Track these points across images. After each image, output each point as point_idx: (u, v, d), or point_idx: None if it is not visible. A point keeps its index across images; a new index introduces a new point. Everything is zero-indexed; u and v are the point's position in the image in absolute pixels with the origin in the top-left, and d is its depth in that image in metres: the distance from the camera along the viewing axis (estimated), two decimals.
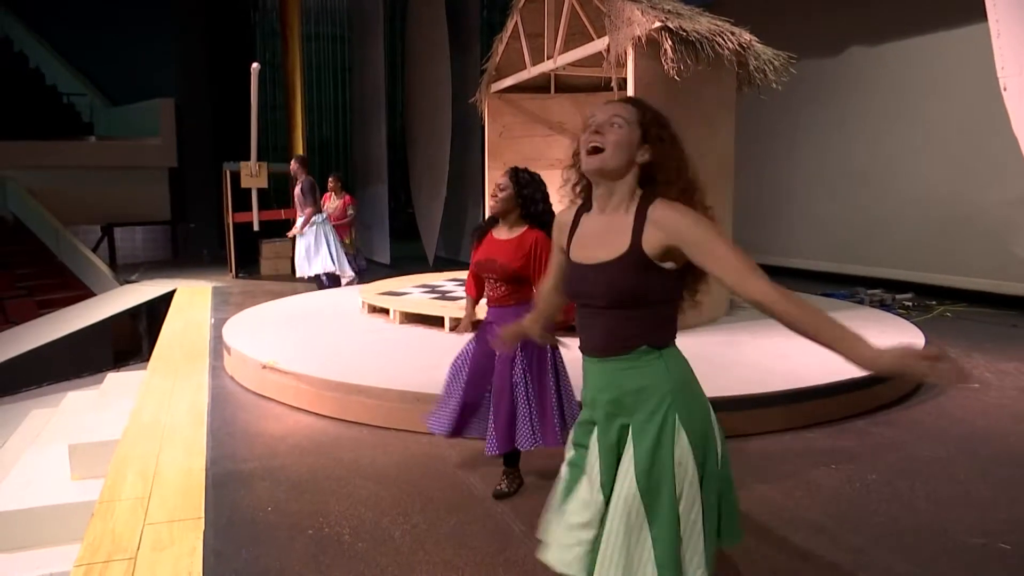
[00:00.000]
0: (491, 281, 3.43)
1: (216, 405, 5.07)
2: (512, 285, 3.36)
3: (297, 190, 9.44)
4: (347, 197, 10.31)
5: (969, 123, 8.64)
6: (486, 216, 3.71)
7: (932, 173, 9.18)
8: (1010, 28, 5.20)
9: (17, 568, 3.91)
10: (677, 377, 1.84)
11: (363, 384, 4.70)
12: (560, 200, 2.05)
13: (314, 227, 9.41)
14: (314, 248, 9.42)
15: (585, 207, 1.94)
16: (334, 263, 9.44)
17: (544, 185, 3.41)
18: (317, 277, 9.59)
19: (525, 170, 3.43)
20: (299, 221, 9.38)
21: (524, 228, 3.38)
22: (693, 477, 1.78)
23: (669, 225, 1.74)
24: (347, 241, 10.08)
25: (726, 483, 1.90)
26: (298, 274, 9.75)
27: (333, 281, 9.61)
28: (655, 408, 1.79)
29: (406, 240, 15.09)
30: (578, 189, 1.96)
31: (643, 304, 1.79)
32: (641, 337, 1.81)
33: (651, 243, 1.75)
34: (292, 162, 9.84)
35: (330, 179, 10.36)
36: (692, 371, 1.90)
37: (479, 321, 3.58)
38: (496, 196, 3.40)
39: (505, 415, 3.32)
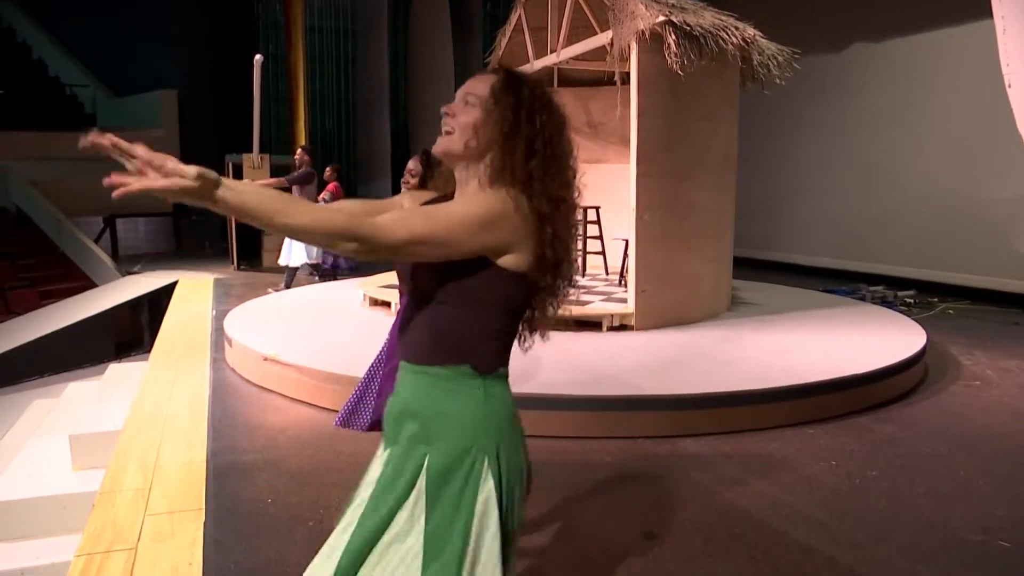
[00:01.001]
0: None
1: (217, 397, 5.08)
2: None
3: (291, 176, 9.42)
4: (330, 184, 10.09)
5: (973, 120, 8.62)
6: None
7: (935, 170, 9.16)
8: (1015, 25, 5.18)
9: (18, 558, 3.92)
10: (496, 412, 1.57)
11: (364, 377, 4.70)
12: None
13: None
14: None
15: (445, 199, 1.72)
16: (309, 257, 9.33)
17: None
18: (309, 267, 9.63)
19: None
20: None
21: None
22: (494, 533, 1.51)
23: None
24: None
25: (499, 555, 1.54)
26: (280, 262, 9.64)
27: (322, 271, 9.66)
28: (462, 445, 1.53)
29: None
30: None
31: (470, 305, 1.54)
32: (463, 351, 1.55)
33: None
34: (299, 151, 9.82)
35: (328, 169, 10.26)
36: (513, 408, 1.63)
37: None
38: (407, 182, 3.24)
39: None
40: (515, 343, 1.67)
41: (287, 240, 9.34)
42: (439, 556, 1.49)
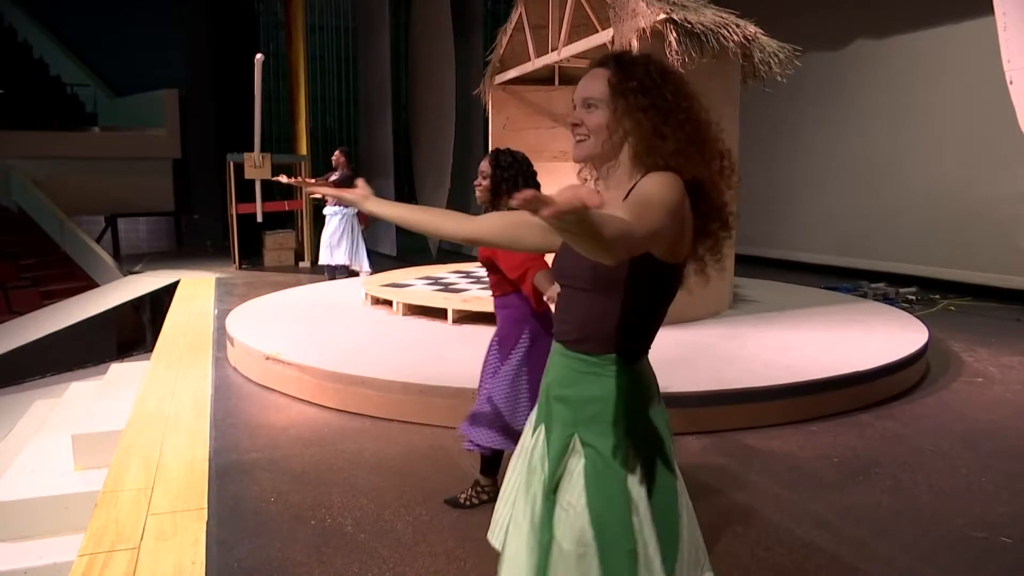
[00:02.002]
0: None
1: (219, 396, 5.08)
2: (493, 276, 3.17)
3: (333, 178, 9.54)
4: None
5: (974, 117, 8.60)
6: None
7: (937, 167, 9.15)
8: (1017, 22, 5.17)
9: (21, 557, 3.92)
10: (641, 397, 1.66)
11: (366, 376, 4.71)
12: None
13: (344, 218, 9.58)
14: (337, 238, 9.60)
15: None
16: (349, 258, 9.67)
17: (528, 164, 3.17)
18: (331, 267, 9.75)
19: (507, 151, 3.17)
20: (345, 217, 9.56)
21: None
22: (649, 509, 1.60)
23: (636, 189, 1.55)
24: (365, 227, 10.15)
25: (680, 522, 1.68)
26: (320, 261, 9.90)
27: (344, 273, 9.73)
28: (611, 427, 1.61)
29: (409, 232, 15.05)
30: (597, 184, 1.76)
31: (622, 291, 1.58)
32: (616, 339, 1.62)
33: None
34: (337, 152, 9.85)
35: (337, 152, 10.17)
36: (657, 390, 1.72)
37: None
38: (479, 184, 3.18)
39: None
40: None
41: (325, 237, 9.65)
42: (611, 544, 1.55)
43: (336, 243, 9.68)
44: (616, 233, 1.25)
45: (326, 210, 9.76)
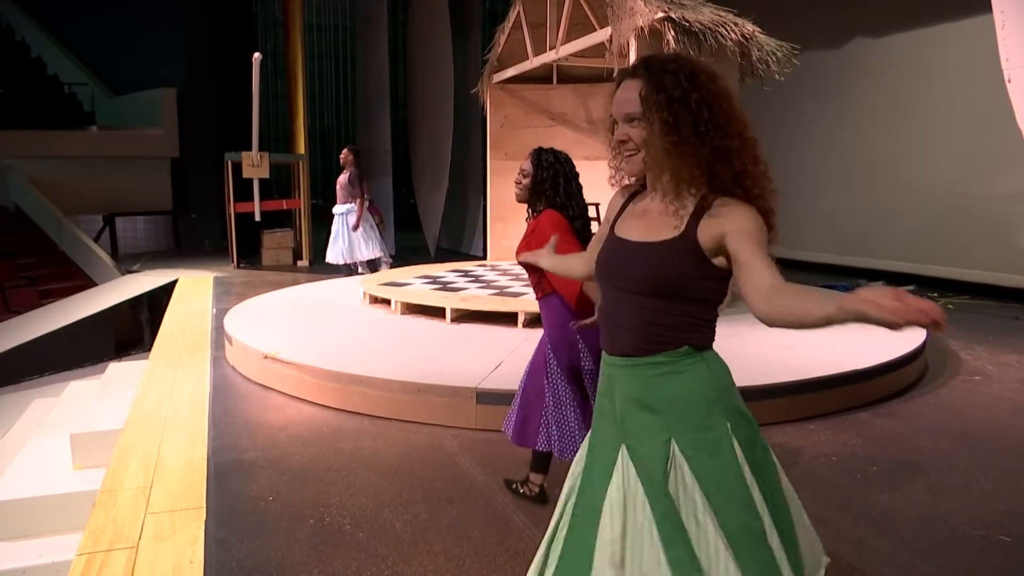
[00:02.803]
0: None
1: (218, 395, 5.08)
2: (533, 276, 3.11)
3: (343, 178, 9.53)
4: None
5: (973, 115, 8.61)
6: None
7: (936, 165, 9.16)
8: (1015, 20, 5.17)
9: (20, 557, 3.92)
10: (724, 384, 1.66)
11: (364, 375, 4.71)
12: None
13: (340, 218, 9.64)
14: (338, 237, 9.66)
15: (642, 188, 1.78)
16: (343, 256, 9.67)
17: (571, 165, 3.12)
18: (345, 266, 9.82)
19: (550, 151, 3.12)
20: (352, 215, 9.53)
21: (540, 215, 3.06)
22: (760, 492, 1.61)
23: (724, 220, 1.56)
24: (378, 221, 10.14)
25: (785, 502, 1.71)
26: (330, 259, 9.93)
27: (346, 272, 9.76)
28: (704, 419, 1.61)
29: (408, 231, 15.07)
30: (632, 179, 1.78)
31: (684, 297, 1.60)
32: (681, 336, 1.62)
33: (707, 235, 1.58)
34: (344, 151, 9.83)
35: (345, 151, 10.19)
36: (731, 376, 1.71)
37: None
38: (519, 182, 3.12)
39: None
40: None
41: (338, 239, 9.62)
42: (740, 530, 1.56)
43: (332, 243, 9.69)
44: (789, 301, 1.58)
45: (334, 209, 9.78)
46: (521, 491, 3.36)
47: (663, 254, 1.60)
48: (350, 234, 9.60)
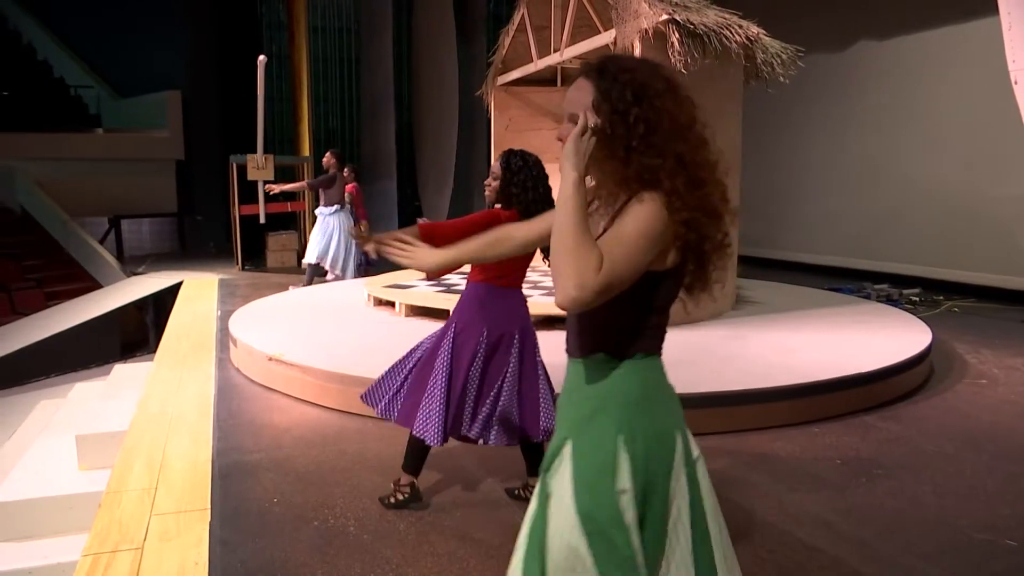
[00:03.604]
0: None
1: (222, 397, 5.09)
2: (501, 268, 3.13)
3: (314, 180, 9.59)
4: (348, 185, 10.22)
5: (979, 117, 8.59)
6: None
7: (941, 167, 9.14)
8: (1021, 21, 5.16)
9: (25, 557, 3.93)
10: (639, 395, 1.57)
11: (368, 376, 4.68)
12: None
13: (324, 217, 9.57)
14: (317, 236, 9.59)
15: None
16: (318, 256, 9.53)
17: (540, 167, 3.13)
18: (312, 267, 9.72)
19: (519, 154, 3.13)
20: (333, 217, 9.52)
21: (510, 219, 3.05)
22: (635, 515, 1.50)
23: (623, 215, 1.52)
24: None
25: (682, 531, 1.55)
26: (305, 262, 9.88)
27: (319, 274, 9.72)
28: (603, 427, 1.55)
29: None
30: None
31: (619, 304, 1.51)
32: (603, 342, 1.59)
33: None
34: (328, 154, 9.87)
35: (345, 169, 10.34)
36: (665, 393, 1.63)
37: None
38: (489, 184, 3.15)
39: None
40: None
41: (314, 239, 9.53)
42: (599, 537, 1.49)
43: (312, 242, 9.64)
44: (591, 278, 1.37)
45: (317, 211, 9.77)
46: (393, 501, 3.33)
47: None
48: (331, 236, 9.57)
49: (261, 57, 10.05)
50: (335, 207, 9.62)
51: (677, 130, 1.55)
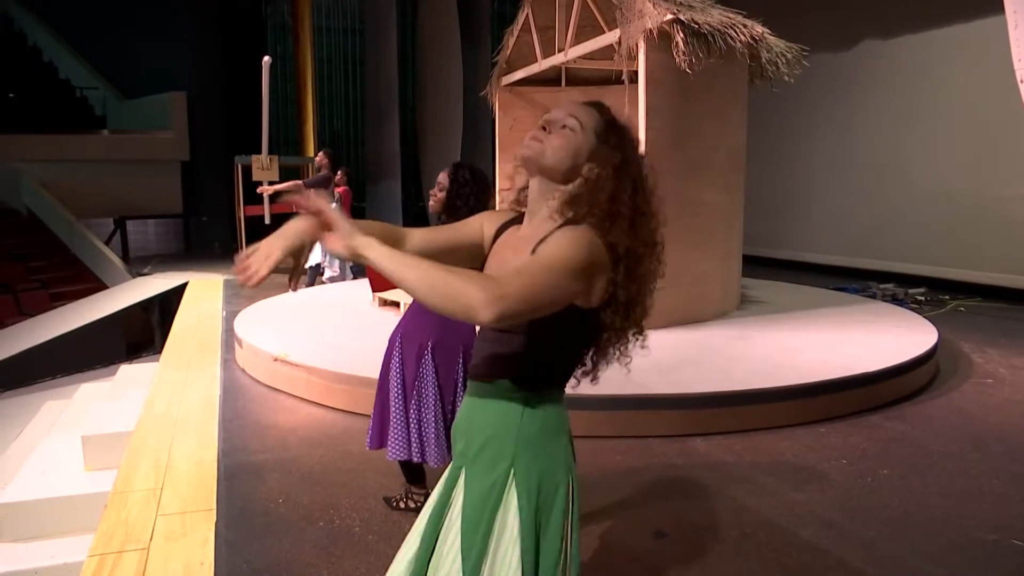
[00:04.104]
0: None
1: (228, 397, 5.10)
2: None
3: (307, 179, 9.60)
4: (339, 188, 10.21)
5: (983, 116, 8.57)
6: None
7: (946, 166, 9.12)
8: None
9: (32, 558, 3.94)
10: (533, 430, 1.54)
11: (374, 377, 4.69)
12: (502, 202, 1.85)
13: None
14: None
15: (519, 220, 1.70)
16: (324, 257, 9.50)
17: (487, 186, 3.14)
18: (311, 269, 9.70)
19: (466, 168, 3.14)
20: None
21: None
22: (515, 552, 1.49)
23: (547, 242, 1.49)
24: None
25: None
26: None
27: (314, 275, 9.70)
28: (494, 459, 1.53)
29: None
30: (521, 196, 1.71)
31: (521, 329, 1.50)
32: (508, 368, 1.55)
33: None
34: (320, 154, 9.86)
35: (338, 172, 10.40)
36: (563, 431, 1.60)
37: None
38: (434, 195, 3.13)
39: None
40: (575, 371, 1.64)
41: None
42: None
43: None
44: (479, 297, 1.27)
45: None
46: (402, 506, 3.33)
47: None
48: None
49: (266, 58, 10.07)
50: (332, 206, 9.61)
51: (651, 204, 1.61)
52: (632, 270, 1.54)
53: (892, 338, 5.62)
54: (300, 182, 9.56)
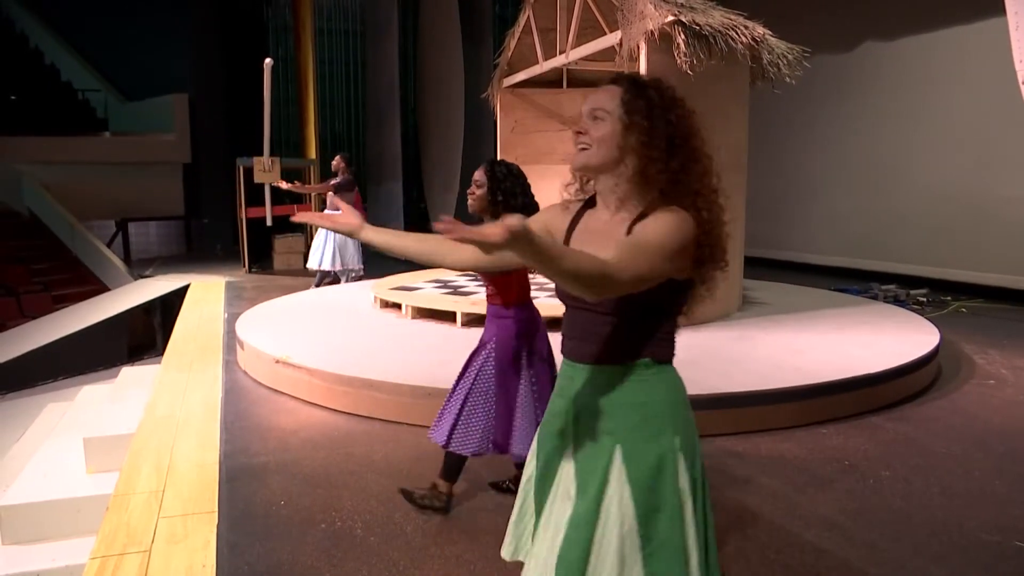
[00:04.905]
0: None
1: (229, 399, 5.10)
2: (493, 285, 3.19)
3: (334, 182, 9.61)
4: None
5: (985, 117, 8.56)
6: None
7: (947, 167, 9.11)
8: None
9: (33, 560, 3.94)
10: (678, 398, 1.70)
11: (375, 379, 4.71)
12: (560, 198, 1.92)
13: None
14: (324, 243, 9.57)
15: (591, 203, 1.79)
16: (333, 264, 9.53)
17: (524, 177, 3.19)
18: (322, 273, 9.74)
19: (502, 163, 3.20)
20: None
21: None
22: (692, 508, 1.64)
23: (649, 223, 1.59)
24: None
25: (710, 519, 1.73)
26: (308, 265, 9.89)
27: (329, 279, 9.72)
28: (656, 431, 1.64)
29: None
30: (585, 183, 1.81)
31: (635, 311, 1.62)
32: (644, 349, 1.66)
33: None
34: (337, 158, 9.89)
35: (337, 158, 10.40)
36: (685, 392, 1.75)
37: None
38: (473, 193, 3.17)
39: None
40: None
41: (316, 244, 9.53)
42: (661, 543, 1.60)
43: (321, 247, 9.58)
44: (594, 274, 1.38)
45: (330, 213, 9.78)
46: (425, 502, 3.33)
47: None
48: (336, 241, 9.56)
49: (267, 60, 10.07)
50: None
51: (702, 146, 1.68)
52: (706, 221, 1.63)
53: (894, 339, 5.62)
54: (330, 185, 9.55)
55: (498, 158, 3.28)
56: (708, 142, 1.70)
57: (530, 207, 3.16)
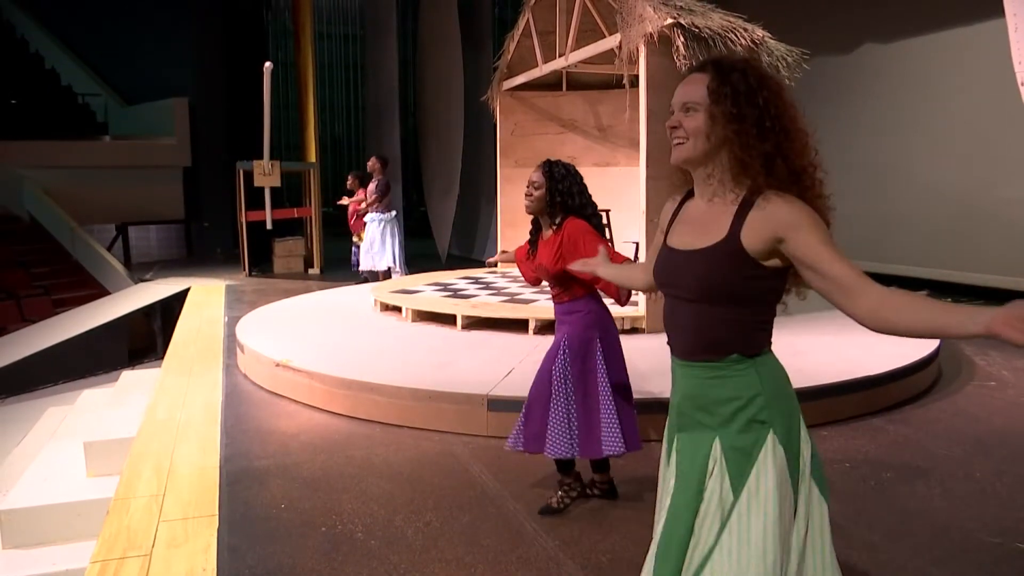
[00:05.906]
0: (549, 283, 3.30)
1: (230, 403, 5.10)
2: (560, 285, 3.20)
3: (372, 187, 9.82)
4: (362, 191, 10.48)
5: (984, 119, 8.56)
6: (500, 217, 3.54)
7: (948, 169, 9.11)
8: None
9: (34, 564, 3.94)
10: (771, 389, 1.67)
11: (376, 382, 4.71)
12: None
13: (383, 224, 9.81)
14: (379, 244, 9.80)
15: (692, 193, 1.79)
16: (395, 261, 9.87)
17: (580, 177, 3.20)
18: (372, 273, 9.98)
19: (559, 163, 3.21)
20: (391, 224, 9.80)
21: (563, 224, 3.14)
22: (790, 502, 1.62)
23: (773, 219, 1.57)
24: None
25: (816, 523, 1.68)
26: (361, 268, 10.13)
27: (381, 278, 9.87)
28: (747, 423, 1.64)
29: (419, 238, 15.13)
30: (687, 177, 1.80)
31: (735, 302, 1.62)
32: (732, 343, 1.65)
33: (753, 236, 1.59)
34: (372, 159, 10.02)
35: (351, 177, 10.68)
36: (788, 379, 1.74)
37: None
38: (531, 195, 3.17)
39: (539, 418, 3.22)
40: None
41: (365, 244, 9.91)
42: (752, 535, 1.57)
43: (377, 249, 9.85)
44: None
45: (367, 217, 9.94)
46: (556, 505, 3.33)
47: (709, 261, 1.62)
48: (386, 241, 9.76)
49: (267, 64, 10.10)
50: (393, 211, 9.95)
51: (797, 119, 1.71)
52: (814, 198, 1.65)
53: (894, 341, 5.60)
54: (376, 195, 9.69)
55: (554, 159, 3.29)
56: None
57: (587, 206, 3.17)
